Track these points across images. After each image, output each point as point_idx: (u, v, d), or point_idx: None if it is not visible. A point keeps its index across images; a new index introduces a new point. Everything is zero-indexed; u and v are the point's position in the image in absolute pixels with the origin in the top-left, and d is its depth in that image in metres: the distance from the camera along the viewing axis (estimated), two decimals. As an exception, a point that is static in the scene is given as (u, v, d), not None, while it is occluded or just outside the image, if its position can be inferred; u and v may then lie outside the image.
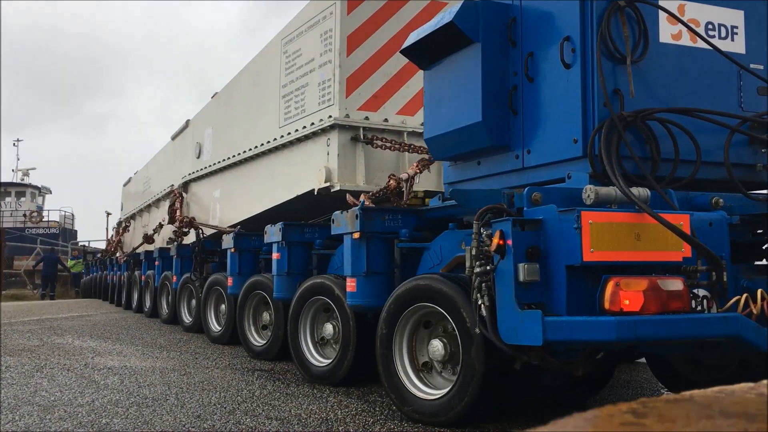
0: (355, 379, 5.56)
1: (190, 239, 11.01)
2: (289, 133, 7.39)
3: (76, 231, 41.37)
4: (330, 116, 6.58)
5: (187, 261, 10.77)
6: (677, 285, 3.29)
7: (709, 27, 4.16)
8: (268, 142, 7.91)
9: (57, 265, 26.81)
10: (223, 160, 9.59)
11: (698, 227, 3.53)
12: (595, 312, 3.26)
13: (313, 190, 6.70)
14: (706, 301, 3.49)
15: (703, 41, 4.05)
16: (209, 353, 7.84)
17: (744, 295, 3.42)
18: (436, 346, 4.31)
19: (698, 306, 3.46)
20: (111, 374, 6.24)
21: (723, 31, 4.21)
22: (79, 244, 33.97)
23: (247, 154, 8.60)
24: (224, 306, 8.87)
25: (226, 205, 9.81)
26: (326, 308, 5.96)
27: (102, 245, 25.76)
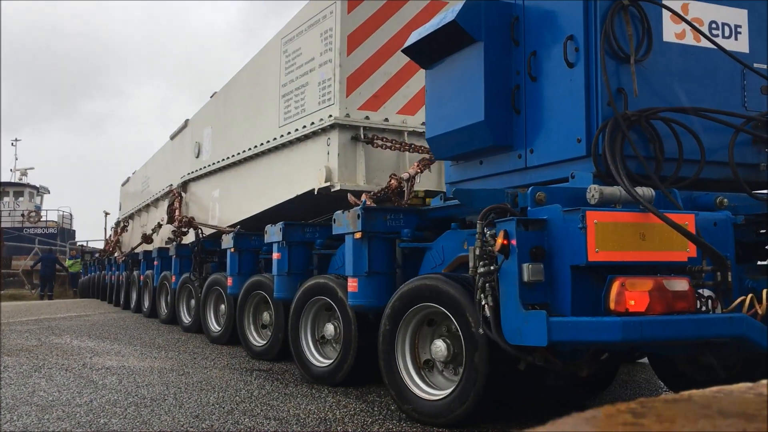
0: (356, 379, 5.53)
1: (189, 239, 10.99)
2: (289, 133, 7.36)
3: (74, 231, 41.38)
4: (330, 116, 6.55)
5: (186, 261, 10.74)
6: (683, 285, 3.27)
7: (713, 26, 4.15)
8: (268, 142, 7.88)
9: (55, 265, 26.82)
10: (223, 160, 9.56)
11: (703, 227, 3.51)
12: (600, 312, 3.24)
13: (313, 190, 6.67)
14: (710, 302, 3.46)
15: (707, 40, 4.03)
16: (207, 353, 7.82)
17: (749, 296, 3.39)
18: (440, 347, 4.29)
19: (703, 306, 3.43)
20: (109, 374, 6.21)
21: (726, 31, 4.19)
22: (78, 244, 33.91)
23: (247, 154, 8.56)
24: (224, 306, 8.84)
25: (226, 204, 9.77)
26: (327, 308, 5.94)
27: (100, 245, 25.73)
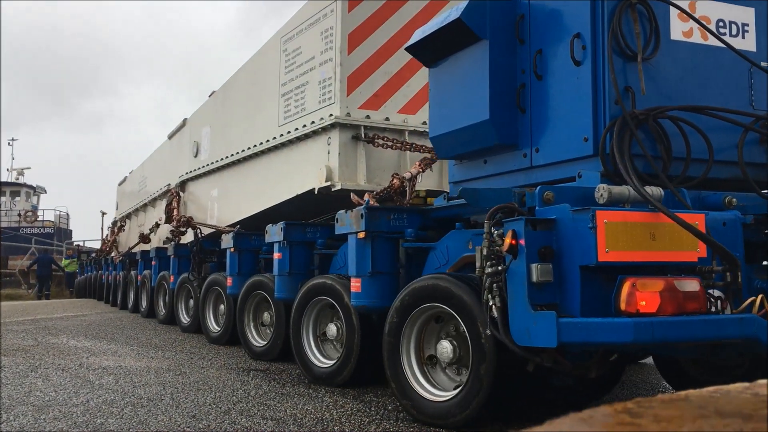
0: (358, 380, 5.47)
1: (187, 239, 10.92)
2: (288, 132, 7.30)
3: (71, 231, 41.28)
4: (331, 115, 6.50)
5: (185, 261, 10.67)
6: (694, 286, 3.23)
7: (720, 24, 4.11)
8: (268, 141, 7.83)
9: (51, 265, 26.77)
10: (221, 159, 9.49)
11: (712, 227, 3.47)
12: (609, 313, 3.20)
13: (313, 190, 6.62)
14: (720, 302, 3.43)
15: (716, 38, 4.00)
16: (205, 353, 7.77)
17: (759, 296, 3.36)
18: (446, 348, 4.24)
19: (712, 307, 3.40)
20: (106, 374, 6.17)
21: (734, 29, 4.16)
22: (74, 243, 33.81)
23: (246, 153, 8.50)
24: (223, 306, 8.79)
25: (225, 204, 9.71)
26: (330, 308, 5.89)
27: (97, 245, 25.64)
